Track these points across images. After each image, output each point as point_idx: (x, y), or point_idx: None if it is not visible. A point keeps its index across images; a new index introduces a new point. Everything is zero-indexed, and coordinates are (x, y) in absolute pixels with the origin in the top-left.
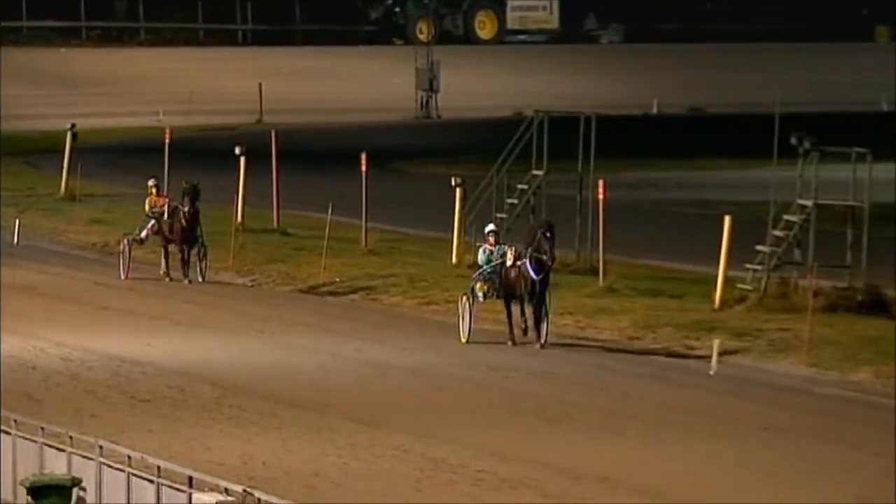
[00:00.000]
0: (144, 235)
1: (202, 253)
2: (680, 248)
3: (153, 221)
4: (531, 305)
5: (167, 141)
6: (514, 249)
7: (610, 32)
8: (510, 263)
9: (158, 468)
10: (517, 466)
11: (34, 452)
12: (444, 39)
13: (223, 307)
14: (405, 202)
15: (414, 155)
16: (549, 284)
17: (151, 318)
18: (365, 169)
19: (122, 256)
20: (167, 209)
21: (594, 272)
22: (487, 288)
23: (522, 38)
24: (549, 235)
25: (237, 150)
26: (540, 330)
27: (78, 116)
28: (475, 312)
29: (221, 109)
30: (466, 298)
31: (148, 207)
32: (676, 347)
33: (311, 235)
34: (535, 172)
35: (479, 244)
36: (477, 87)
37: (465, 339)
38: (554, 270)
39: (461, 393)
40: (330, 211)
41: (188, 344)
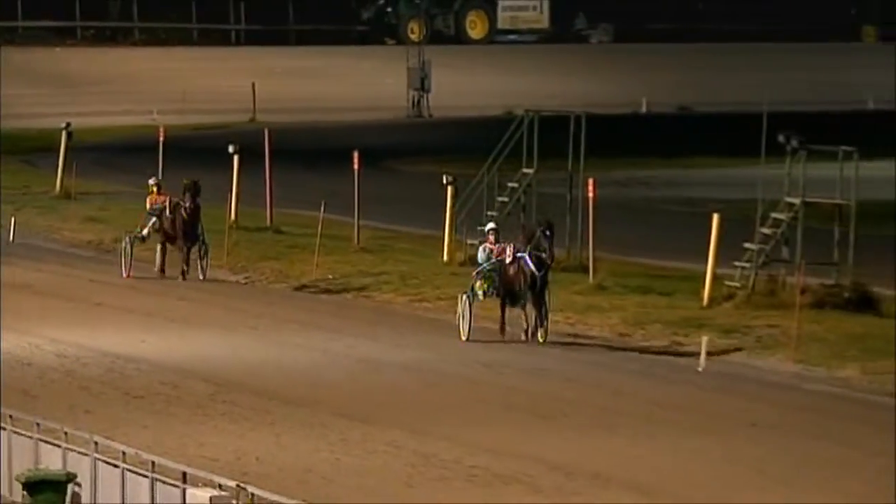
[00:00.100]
0: (146, 233)
1: (203, 250)
2: (669, 245)
3: (154, 219)
4: (531, 304)
5: (161, 140)
6: (513, 247)
7: (599, 32)
8: (509, 261)
9: (153, 464)
10: (509, 462)
11: (29, 448)
12: (435, 39)
13: (217, 304)
14: (397, 200)
15: (406, 153)
16: (548, 283)
17: (146, 315)
18: (357, 167)
19: (123, 254)
20: (168, 206)
21: (584, 270)
22: (487, 286)
23: (513, 37)
24: (548, 234)
25: (231, 148)
26: (538, 328)
27: (73, 115)
28: (475, 311)
29: (215, 108)
30: (466, 297)
31: (149, 205)
32: (665, 344)
33: (303, 233)
34: (525, 171)
35: (470, 241)
36: (468, 86)
37: (465, 337)
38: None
39: (453, 389)
40: (322, 209)
41: (182, 341)
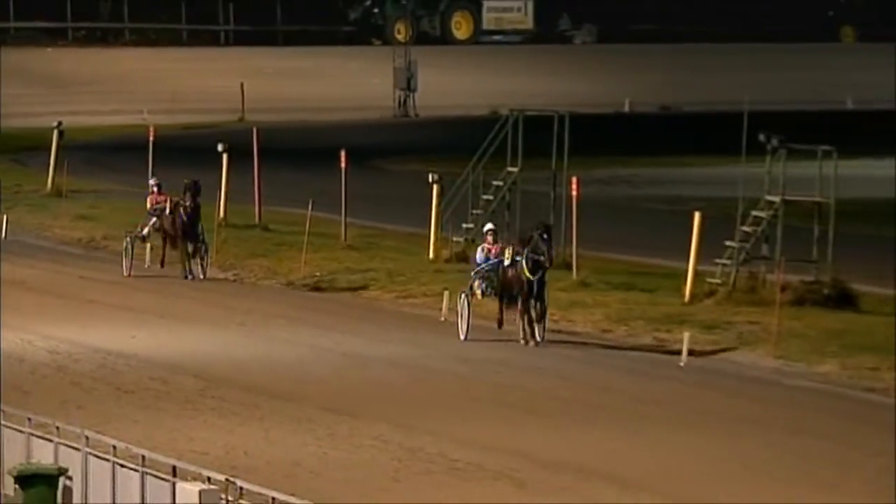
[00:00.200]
0: (146, 232)
1: (203, 249)
2: (651, 243)
3: (155, 218)
4: (528, 304)
5: (151, 139)
6: (511, 248)
7: (583, 33)
8: (507, 262)
9: (143, 458)
10: (493, 456)
11: (21, 442)
12: (421, 40)
13: (206, 301)
14: (383, 199)
15: (392, 152)
16: (545, 284)
17: (136, 311)
18: (344, 166)
19: (124, 253)
20: (168, 205)
21: (567, 267)
22: (485, 286)
23: (498, 38)
24: (546, 237)
25: (220, 147)
26: (535, 328)
27: (64, 115)
28: (473, 310)
29: (204, 108)
30: (465, 296)
31: (149, 205)
32: (648, 340)
33: (291, 231)
34: (510, 169)
35: (455, 239)
36: (453, 86)
37: (463, 336)
38: None
39: (438, 384)
40: (310, 207)
41: (172, 337)
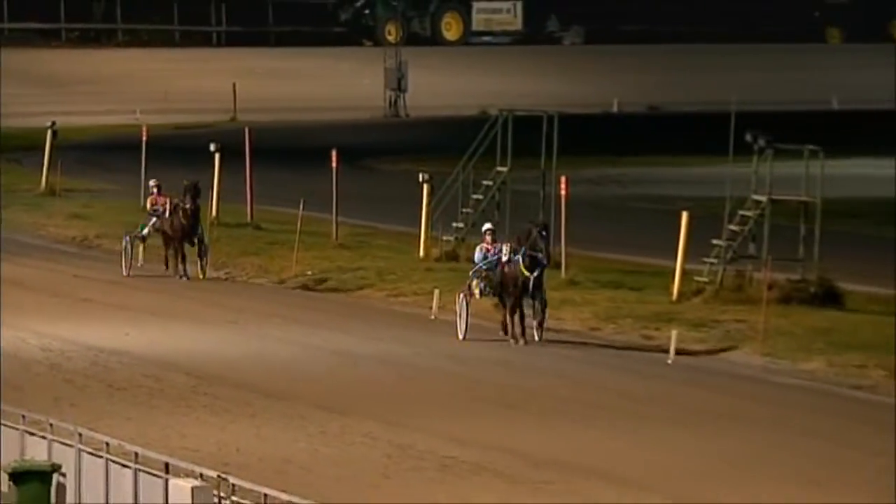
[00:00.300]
0: (146, 233)
1: (203, 250)
2: (639, 242)
3: (155, 219)
4: (521, 302)
5: (144, 139)
6: (510, 247)
7: (571, 34)
8: (506, 260)
9: (136, 454)
10: (481, 452)
11: (15, 439)
12: (411, 41)
13: (198, 299)
14: (374, 198)
15: (383, 152)
16: (543, 282)
17: (129, 309)
18: (335, 166)
19: (123, 254)
20: (169, 206)
21: (557, 265)
22: (484, 285)
23: (487, 39)
24: (544, 234)
25: (212, 147)
26: (525, 327)
27: (58, 115)
28: (470, 309)
29: (197, 108)
30: (463, 296)
31: (150, 206)
32: (636, 338)
33: (283, 230)
34: (499, 169)
35: (445, 238)
36: (443, 86)
37: (462, 336)
38: None
39: (428, 382)
40: (302, 206)
41: (164, 334)
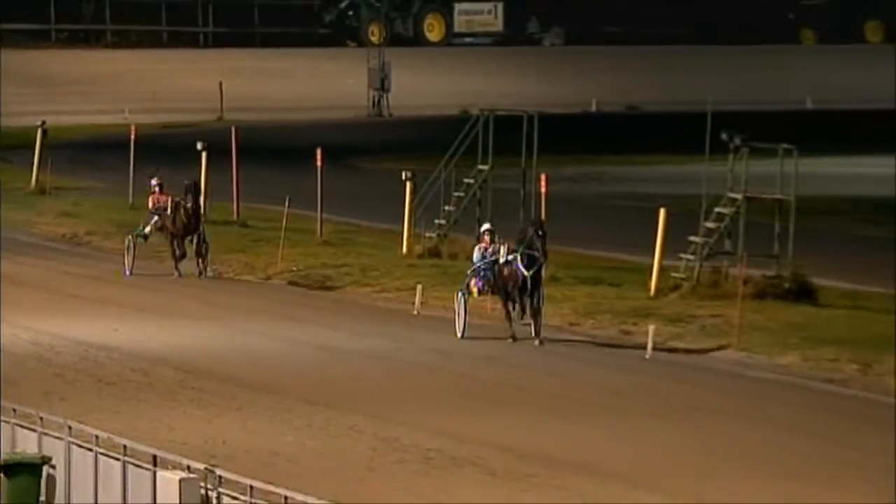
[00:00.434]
0: (148, 231)
1: (204, 248)
2: (618, 238)
3: (156, 218)
4: (524, 301)
5: (133, 138)
6: (507, 247)
7: (552, 35)
8: (503, 261)
9: (124, 447)
10: (464, 446)
11: (6, 432)
12: (394, 41)
13: (186, 295)
14: (358, 196)
15: (366, 151)
16: (541, 280)
17: (118, 305)
18: (320, 164)
19: (126, 252)
20: (170, 205)
21: None
22: (482, 284)
23: (469, 40)
24: (540, 234)
25: (199, 145)
26: (531, 323)
27: (48, 114)
28: (467, 309)
29: (184, 108)
30: (462, 295)
31: (151, 205)
32: (614, 333)
33: (269, 227)
34: (480, 167)
35: (428, 235)
36: (426, 86)
37: (460, 334)
38: None
39: (412, 376)
40: (287, 204)
41: (153, 330)
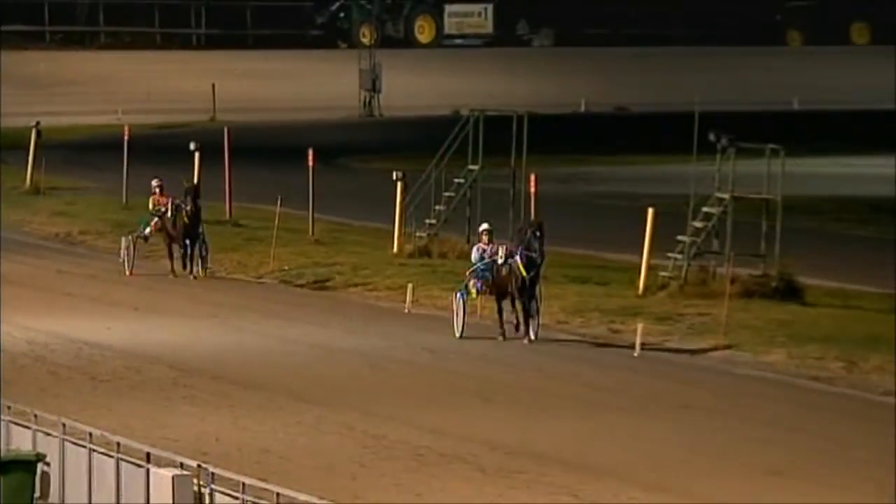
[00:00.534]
0: (148, 232)
1: (204, 249)
2: (606, 238)
3: (157, 219)
4: (522, 302)
5: (126, 138)
6: (505, 248)
7: (541, 37)
8: (501, 261)
9: (118, 444)
10: (455, 443)
11: (1, 429)
12: (385, 43)
13: (178, 293)
14: (350, 195)
15: (358, 151)
16: (539, 281)
17: (111, 304)
18: (312, 164)
19: (126, 253)
20: (170, 207)
21: None
22: (481, 285)
23: (459, 42)
24: (538, 234)
25: (192, 146)
26: (529, 325)
27: (43, 115)
28: (466, 309)
29: (177, 108)
30: (460, 295)
31: (152, 206)
32: (602, 331)
33: (261, 226)
34: (471, 167)
35: (419, 234)
36: (417, 87)
37: (458, 334)
38: None
39: (402, 374)
40: (279, 203)
41: (146, 328)
